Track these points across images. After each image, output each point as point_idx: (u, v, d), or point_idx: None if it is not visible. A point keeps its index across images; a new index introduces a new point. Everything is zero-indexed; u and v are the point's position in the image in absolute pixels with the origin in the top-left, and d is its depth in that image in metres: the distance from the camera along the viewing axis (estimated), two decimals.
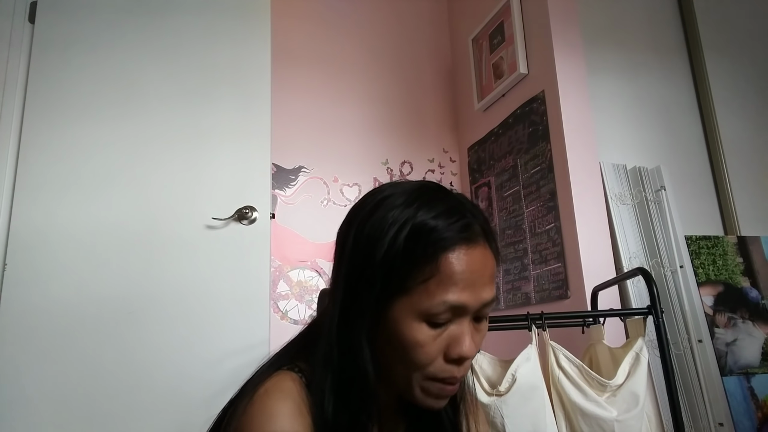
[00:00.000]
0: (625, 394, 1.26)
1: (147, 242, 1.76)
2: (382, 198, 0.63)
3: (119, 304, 1.70)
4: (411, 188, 0.64)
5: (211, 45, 1.96)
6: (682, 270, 2.01)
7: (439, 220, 0.60)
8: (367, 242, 0.60)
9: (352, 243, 0.62)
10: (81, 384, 1.63)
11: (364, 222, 0.62)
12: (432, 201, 0.62)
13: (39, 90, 1.79)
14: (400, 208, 0.60)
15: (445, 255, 0.59)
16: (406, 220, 0.59)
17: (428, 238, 0.59)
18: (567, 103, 1.96)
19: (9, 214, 1.70)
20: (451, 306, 0.59)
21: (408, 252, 0.59)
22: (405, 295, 0.59)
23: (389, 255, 0.59)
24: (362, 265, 0.60)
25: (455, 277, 0.59)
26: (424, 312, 0.59)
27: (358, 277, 0.61)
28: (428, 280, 0.59)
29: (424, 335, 0.59)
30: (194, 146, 1.87)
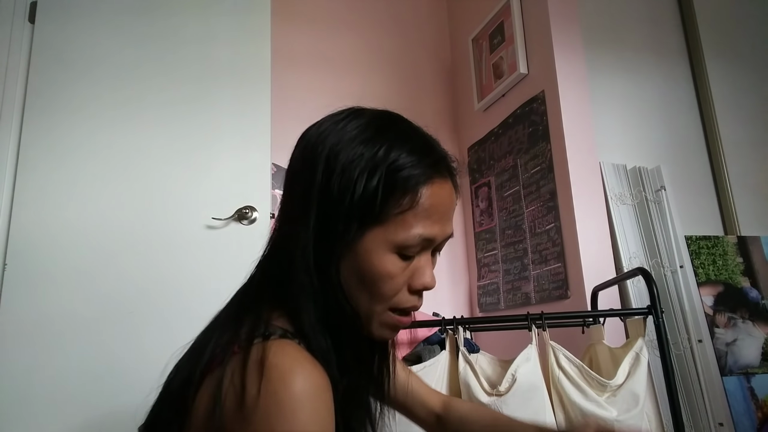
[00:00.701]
0: (625, 394, 1.26)
1: (147, 242, 1.76)
2: (352, 137, 0.61)
3: (119, 304, 1.70)
4: (378, 122, 0.63)
5: (211, 45, 1.96)
6: (682, 270, 2.01)
7: (414, 156, 0.60)
8: (342, 181, 0.58)
9: (323, 181, 0.59)
10: (81, 384, 1.63)
11: (336, 160, 0.59)
12: (403, 136, 0.62)
13: (39, 90, 1.79)
14: (371, 146, 0.60)
15: (423, 188, 0.60)
16: (381, 159, 0.59)
17: (408, 173, 0.59)
18: (567, 103, 1.96)
19: (9, 215, 1.70)
20: (425, 238, 0.60)
21: (387, 187, 0.58)
22: (379, 226, 0.59)
23: (367, 192, 0.58)
24: (336, 203, 0.58)
25: (431, 210, 0.60)
26: (398, 244, 0.59)
27: (331, 215, 0.59)
28: (405, 212, 0.59)
29: (395, 266, 0.60)
30: (194, 146, 1.87)
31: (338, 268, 0.60)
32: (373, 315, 0.62)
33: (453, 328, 1.34)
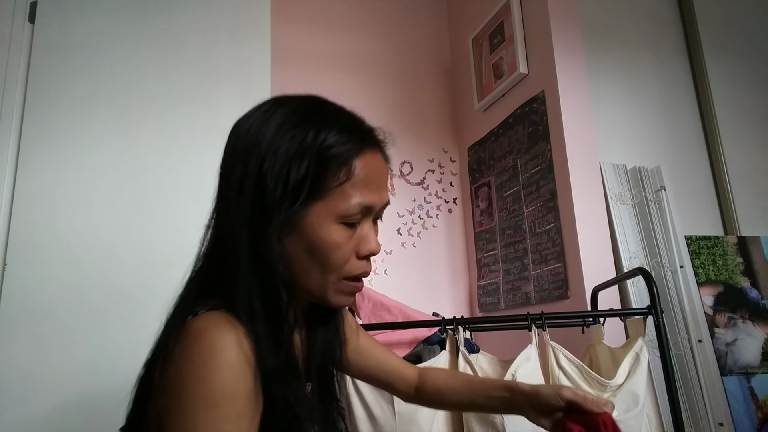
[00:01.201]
0: (625, 394, 1.26)
1: (147, 242, 1.76)
2: (279, 124, 0.64)
3: (119, 304, 1.70)
4: (304, 108, 0.68)
5: (211, 45, 1.96)
6: (682, 270, 2.01)
7: (343, 133, 0.65)
8: (275, 168, 0.62)
9: (257, 169, 0.63)
10: (81, 384, 1.63)
11: (267, 148, 0.63)
12: (330, 117, 0.67)
13: (39, 90, 1.79)
14: (300, 131, 0.63)
15: (356, 160, 0.64)
16: (311, 142, 0.63)
17: (339, 149, 0.63)
18: (567, 103, 1.96)
19: (9, 214, 1.70)
20: (364, 206, 0.65)
21: (321, 166, 0.62)
22: (320, 201, 0.63)
23: (299, 175, 0.62)
24: (272, 190, 0.62)
25: (367, 179, 0.65)
26: (340, 214, 0.64)
27: (267, 201, 0.62)
28: (343, 184, 0.63)
29: (341, 236, 0.65)
30: (194, 145, 1.87)
31: (282, 251, 0.63)
32: (328, 285, 0.67)
33: (453, 328, 1.34)
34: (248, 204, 0.63)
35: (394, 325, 1.44)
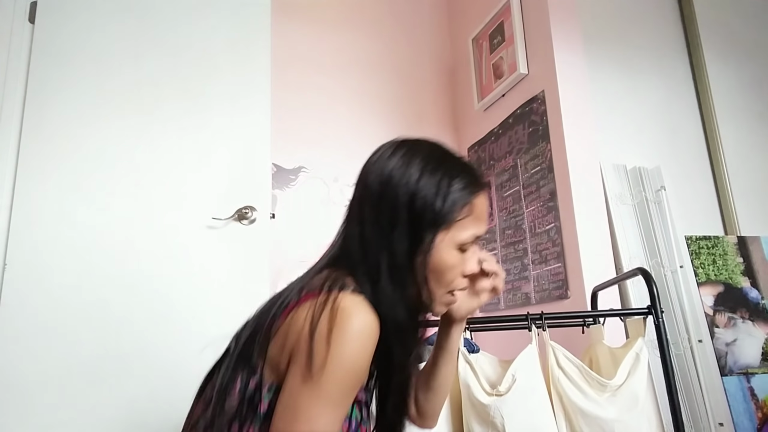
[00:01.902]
0: (625, 394, 1.26)
1: (147, 242, 1.76)
2: (419, 170, 0.80)
3: (119, 304, 1.70)
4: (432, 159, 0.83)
5: (211, 45, 1.96)
6: (682, 270, 2.01)
7: (464, 178, 0.82)
8: (420, 204, 0.79)
9: (408, 204, 0.79)
10: (81, 384, 1.63)
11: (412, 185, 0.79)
12: (453, 165, 0.84)
13: (39, 90, 1.79)
14: (435, 177, 0.80)
15: (475, 200, 0.82)
16: (446, 186, 0.80)
17: (465, 191, 0.81)
18: (567, 103, 1.96)
19: (9, 214, 1.70)
20: (476, 236, 0.82)
21: (452, 204, 0.79)
22: (446, 231, 0.79)
23: (439, 206, 0.79)
24: (419, 219, 0.78)
25: (479, 215, 0.83)
26: (459, 242, 0.80)
27: (417, 222, 0.78)
28: (464, 219, 0.81)
29: (457, 259, 0.81)
30: (194, 146, 1.87)
31: (413, 266, 0.79)
32: (437, 297, 0.83)
33: None
34: (403, 231, 0.79)
35: None
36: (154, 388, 1.67)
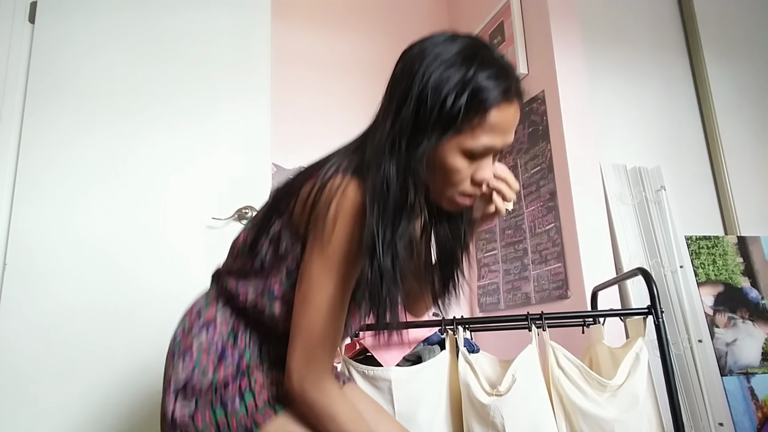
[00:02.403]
0: (625, 394, 1.26)
1: (147, 242, 1.76)
2: (445, 59, 0.77)
3: (120, 303, 1.70)
4: (468, 50, 0.79)
5: (211, 45, 1.96)
6: (682, 270, 2.01)
7: (491, 81, 0.76)
8: (435, 93, 0.76)
9: (420, 91, 0.77)
10: (81, 383, 1.63)
11: (431, 74, 0.77)
12: (486, 64, 0.78)
13: (39, 90, 1.79)
14: (461, 69, 0.76)
15: (492, 110, 0.77)
16: (467, 81, 0.75)
17: (482, 97, 0.76)
18: (567, 103, 1.96)
19: (9, 214, 1.70)
20: (487, 147, 0.79)
21: (467, 105, 0.75)
22: (455, 135, 0.77)
23: (452, 106, 0.75)
24: (430, 109, 0.76)
25: (494, 127, 0.78)
26: (466, 149, 0.78)
27: (423, 116, 0.77)
28: (475, 127, 0.77)
29: (462, 165, 0.79)
30: (194, 146, 1.87)
31: (418, 159, 0.78)
32: (443, 196, 0.83)
33: (453, 328, 1.34)
34: (407, 119, 0.78)
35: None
36: (153, 385, 1.67)
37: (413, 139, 0.78)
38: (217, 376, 0.84)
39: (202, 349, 0.87)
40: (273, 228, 0.86)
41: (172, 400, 0.84)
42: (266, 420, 0.82)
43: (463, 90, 0.75)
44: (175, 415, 0.83)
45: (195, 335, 0.88)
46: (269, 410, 0.83)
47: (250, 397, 0.83)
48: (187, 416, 0.83)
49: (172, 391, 0.85)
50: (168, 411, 0.84)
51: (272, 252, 0.85)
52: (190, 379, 0.84)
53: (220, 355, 0.86)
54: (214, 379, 0.84)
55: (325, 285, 0.79)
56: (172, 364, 0.88)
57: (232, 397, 0.83)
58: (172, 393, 0.85)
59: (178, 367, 0.86)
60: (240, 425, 0.81)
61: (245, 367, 0.85)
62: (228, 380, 0.84)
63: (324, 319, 0.79)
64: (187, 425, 0.82)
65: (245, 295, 0.88)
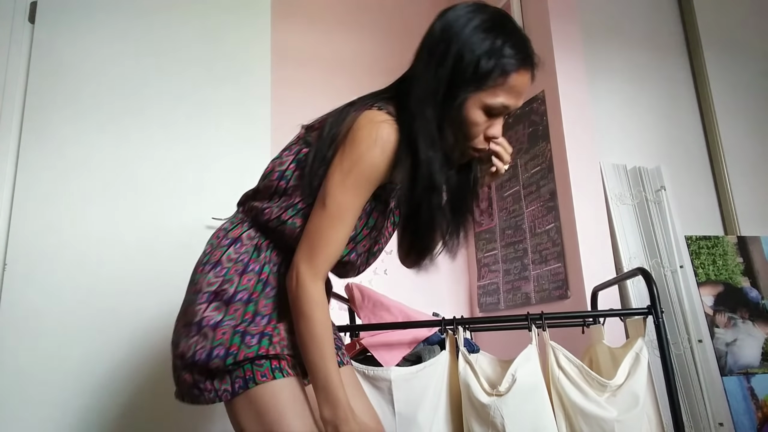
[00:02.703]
0: (625, 394, 1.26)
1: (147, 242, 1.76)
2: (477, 26, 0.91)
3: (119, 303, 1.70)
4: (496, 20, 0.92)
5: (211, 45, 1.96)
6: (682, 270, 2.01)
7: (514, 50, 0.90)
8: (470, 54, 0.89)
9: (456, 51, 0.90)
10: (81, 383, 1.63)
11: (467, 38, 0.90)
12: (511, 34, 0.92)
13: (39, 90, 1.79)
14: (491, 36, 0.90)
15: (512, 73, 0.90)
16: (496, 47, 0.89)
17: (506, 61, 0.90)
18: (567, 103, 1.96)
19: (9, 215, 1.70)
20: (504, 105, 0.92)
21: (493, 67, 0.89)
22: (477, 92, 0.90)
23: (483, 67, 0.89)
24: (464, 68, 0.89)
25: (512, 89, 0.91)
26: (486, 105, 0.91)
27: (459, 73, 0.90)
28: (496, 87, 0.90)
29: (480, 119, 0.92)
30: (194, 146, 1.87)
31: (442, 108, 0.91)
32: (457, 147, 0.95)
33: (453, 328, 1.34)
34: (444, 74, 0.91)
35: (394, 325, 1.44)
36: (155, 386, 1.67)
37: (449, 92, 0.90)
38: (240, 287, 0.93)
39: (230, 260, 0.96)
40: (300, 154, 0.98)
41: (204, 305, 0.92)
42: (261, 379, 0.88)
43: (492, 55, 0.89)
44: (204, 315, 0.91)
45: (223, 249, 0.98)
46: (269, 373, 0.89)
47: (266, 343, 0.90)
48: (212, 322, 0.90)
49: (204, 295, 0.92)
50: (198, 312, 0.91)
51: (298, 173, 0.96)
52: (221, 289, 0.92)
53: (244, 268, 0.95)
54: (238, 289, 0.93)
55: (340, 198, 0.90)
56: (203, 272, 0.96)
57: (252, 333, 0.90)
58: (205, 297, 0.92)
59: (209, 275, 0.94)
60: (245, 359, 0.88)
61: (265, 277, 0.95)
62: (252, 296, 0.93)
63: (331, 226, 0.91)
64: (208, 331, 0.89)
65: (270, 211, 0.97)
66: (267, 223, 0.97)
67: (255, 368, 0.88)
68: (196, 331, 0.90)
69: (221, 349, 0.88)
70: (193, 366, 0.89)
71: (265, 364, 0.89)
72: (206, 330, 0.89)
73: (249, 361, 0.88)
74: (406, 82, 0.99)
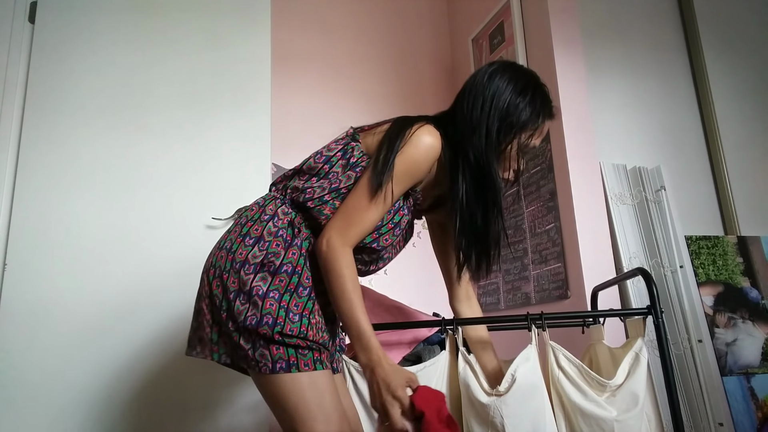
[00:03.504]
0: (625, 394, 1.26)
1: (147, 242, 1.76)
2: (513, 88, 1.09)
3: (119, 303, 1.70)
4: (526, 81, 1.11)
5: (211, 45, 1.96)
6: (682, 270, 2.01)
7: (540, 106, 1.10)
8: (524, 110, 1.08)
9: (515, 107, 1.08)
10: (81, 383, 1.63)
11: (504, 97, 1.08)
12: (538, 93, 1.11)
13: (39, 90, 1.79)
14: (524, 95, 1.09)
15: (543, 124, 1.11)
16: (541, 104, 1.10)
17: (545, 112, 1.11)
18: (567, 102, 1.96)
19: (9, 214, 1.70)
20: (532, 147, 1.13)
21: (538, 118, 1.10)
22: (524, 134, 1.10)
23: (532, 118, 1.09)
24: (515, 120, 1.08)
25: (541, 133, 1.13)
26: (524, 145, 1.11)
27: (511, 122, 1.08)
28: (534, 132, 1.11)
29: (515, 155, 1.11)
30: (194, 146, 1.87)
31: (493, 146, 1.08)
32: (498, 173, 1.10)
33: (453, 328, 1.34)
34: (494, 122, 1.07)
35: (394, 325, 1.44)
36: (155, 384, 1.67)
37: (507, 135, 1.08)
38: (286, 260, 1.01)
39: (270, 234, 1.03)
40: (347, 146, 1.10)
41: (252, 275, 0.98)
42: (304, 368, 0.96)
43: (539, 110, 1.09)
44: (254, 285, 0.97)
45: (263, 224, 1.05)
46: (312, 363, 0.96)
47: (306, 322, 0.98)
48: (261, 292, 0.97)
49: (252, 267, 0.99)
50: (247, 282, 0.98)
51: (343, 162, 1.07)
52: (268, 261, 1.00)
53: (289, 243, 1.03)
54: (283, 261, 1.00)
55: (380, 186, 1.01)
56: (244, 244, 1.02)
57: (294, 311, 0.98)
58: (252, 269, 0.99)
59: (254, 249, 1.01)
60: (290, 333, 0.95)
61: (305, 252, 1.04)
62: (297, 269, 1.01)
63: (365, 206, 1.02)
64: (257, 300, 0.96)
65: (312, 190, 1.06)
66: (306, 202, 1.06)
67: (300, 356, 0.96)
68: (246, 299, 0.97)
69: (270, 317, 0.95)
70: (243, 330, 0.96)
71: (309, 354, 0.96)
72: (255, 299, 0.96)
73: (293, 346, 0.95)
74: (455, 115, 1.12)
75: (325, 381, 0.98)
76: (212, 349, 1.02)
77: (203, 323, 1.03)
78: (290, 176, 1.14)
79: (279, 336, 0.94)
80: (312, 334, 0.97)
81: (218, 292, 1.01)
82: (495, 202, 1.09)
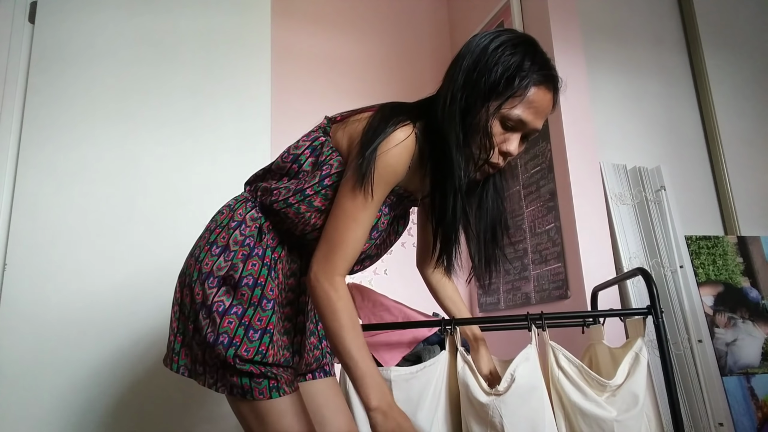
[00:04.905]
0: (625, 394, 1.26)
1: (147, 242, 1.76)
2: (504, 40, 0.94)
3: (119, 303, 1.70)
4: (520, 40, 0.96)
5: (211, 45, 1.96)
6: (682, 270, 2.01)
7: (536, 66, 0.94)
8: (491, 66, 0.93)
9: (483, 64, 0.93)
10: (81, 383, 1.63)
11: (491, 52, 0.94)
12: (534, 52, 0.95)
13: (39, 90, 1.79)
14: (516, 52, 0.93)
15: (532, 87, 0.93)
16: (516, 61, 0.92)
17: (526, 74, 0.92)
18: (567, 102, 1.96)
19: (9, 214, 1.70)
20: (520, 119, 0.94)
21: (512, 78, 0.92)
22: (496, 102, 0.92)
23: (502, 78, 0.92)
24: (482, 80, 0.93)
25: (531, 104, 0.93)
26: (503, 116, 0.93)
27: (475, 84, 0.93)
28: (516, 98, 0.92)
29: (496, 130, 0.94)
30: (194, 145, 1.87)
31: (469, 121, 0.93)
32: (472, 158, 0.96)
33: (452, 328, 1.34)
34: (469, 85, 0.94)
35: (394, 325, 1.44)
36: (155, 384, 1.67)
37: (473, 102, 0.93)
38: (245, 272, 0.95)
39: (236, 243, 0.98)
40: (315, 141, 1.02)
41: (215, 289, 0.94)
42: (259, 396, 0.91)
43: (514, 67, 0.92)
44: (215, 300, 0.93)
45: (230, 232, 0.99)
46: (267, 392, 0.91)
47: (267, 340, 0.92)
48: (221, 308, 0.93)
49: (215, 280, 0.95)
50: (209, 296, 0.94)
51: (312, 159, 1.00)
52: (228, 275, 0.95)
53: (249, 253, 0.97)
54: (243, 274, 0.95)
55: (357, 200, 0.92)
56: (210, 253, 0.98)
57: (255, 327, 0.92)
58: (215, 282, 0.95)
59: (219, 260, 0.96)
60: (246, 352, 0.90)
61: (269, 262, 0.98)
62: (259, 281, 0.95)
63: (347, 226, 0.93)
64: (216, 317, 0.92)
65: (278, 192, 0.99)
66: (272, 204, 0.99)
67: (254, 384, 0.91)
68: (207, 314, 0.93)
69: (225, 337, 0.90)
70: (207, 346, 0.92)
71: (264, 383, 0.91)
72: (215, 315, 0.92)
73: (247, 375, 0.91)
74: (437, 98, 1.01)
75: (284, 406, 0.93)
76: (172, 358, 0.99)
77: (169, 329, 1.01)
78: (261, 175, 1.08)
79: (232, 360, 0.90)
80: (272, 354, 0.92)
81: (187, 302, 0.98)
82: (454, 187, 0.95)
